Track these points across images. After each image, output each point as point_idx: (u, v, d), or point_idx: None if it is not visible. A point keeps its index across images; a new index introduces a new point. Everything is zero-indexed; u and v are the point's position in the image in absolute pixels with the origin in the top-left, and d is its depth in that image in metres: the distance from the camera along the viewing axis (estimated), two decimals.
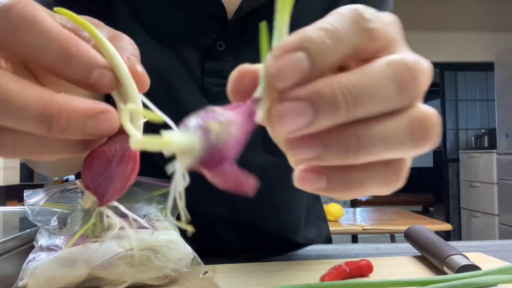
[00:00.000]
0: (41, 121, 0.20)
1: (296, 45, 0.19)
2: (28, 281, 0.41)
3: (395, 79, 0.20)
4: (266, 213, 0.67)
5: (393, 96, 0.20)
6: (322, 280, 0.44)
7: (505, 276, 0.40)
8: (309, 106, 0.19)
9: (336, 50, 0.20)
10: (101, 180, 0.23)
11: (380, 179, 0.21)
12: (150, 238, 0.43)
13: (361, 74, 0.20)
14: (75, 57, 0.22)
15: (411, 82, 0.20)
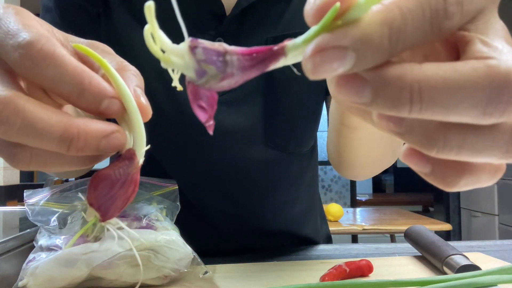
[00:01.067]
0: (62, 142, 0.23)
1: (348, 37, 0.16)
2: (28, 281, 0.41)
3: (489, 95, 0.16)
4: (270, 208, 0.67)
5: (477, 113, 0.17)
6: (322, 280, 0.44)
7: (505, 276, 0.40)
8: (368, 89, 0.17)
9: (396, 48, 0.17)
10: (105, 200, 0.26)
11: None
12: (150, 238, 0.43)
13: (443, 73, 0.16)
14: (88, 90, 0.24)
15: (508, 102, 0.17)
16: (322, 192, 4.50)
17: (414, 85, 0.16)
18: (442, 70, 0.16)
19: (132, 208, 0.48)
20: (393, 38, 0.16)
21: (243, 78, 0.19)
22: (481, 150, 0.18)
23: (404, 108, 0.17)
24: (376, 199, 6.18)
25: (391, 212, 2.79)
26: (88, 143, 0.24)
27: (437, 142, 0.18)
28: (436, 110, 0.17)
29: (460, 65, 0.17)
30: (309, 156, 0.70)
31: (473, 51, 0.18)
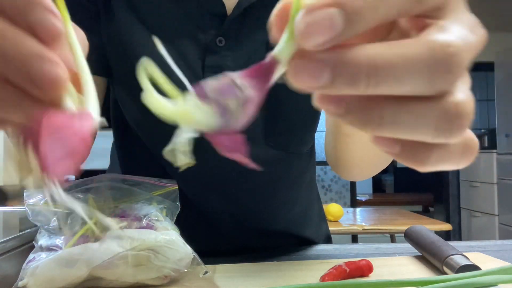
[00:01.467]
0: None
1: (329, 1, 0.17)
2: (28, 281, 0.41)
3: (430, 65, 0.18)
4: (270, 208, 0.67)
5: (422, 84, 0.18)
6: (322, 280, 0.44)
7: (505, 276, 0.40)
8: (327, 71, 0.18)
9: (379, 12, 0.18)
10: (50, 151, 0.20)
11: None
12: (150, 238, 0.43)
13: (393, 50, 0.18)
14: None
15: (448, 71, 0.18)
16: (322, 192, 4.50)
17: (370, 62, 0.18)
18: (394, 46, 0.18)
19: (132, 208, 0.48)
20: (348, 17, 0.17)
21: (259, 98, 0.19)
22: (414, 126, 0.19)
23: (362, 84, 0.18)
24: (376, 199, 6.18)
25: (391, 212, 2.79)
26: (20, 57, 0.19)
27: (373, 119, 0.19)
28: (390, 83, 0.18)
29: (408, 40, 0.18)
30: (308, 156, 0.70)
31: (426, 32, 0.19)
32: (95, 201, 0.47)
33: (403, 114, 0.19)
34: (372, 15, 0.18)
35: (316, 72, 0.18)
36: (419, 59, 0.18)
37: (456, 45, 0.19)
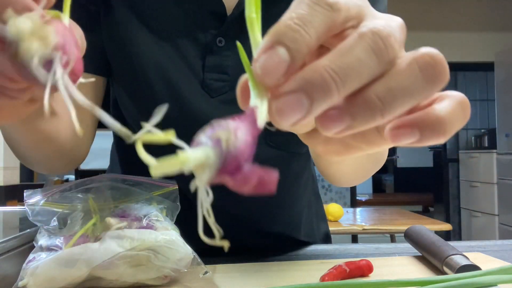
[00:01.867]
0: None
1: (271, 41, 0.20)
2: (28, 281, 0.41)
3: (371, 49, 0.21)
4: (269, 208, 0.67)
5: (374, 64, 0.21)
6: (322, 280, 0.44)
7: (505, 276, 0.40)
8: (303, 95, 0.20)
9: (309, 33, 0.21)
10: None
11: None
12: (150, 238, 0.43)
13: (341, 53, 0.21)
14: None
15: (385, 48, 0.21)
16: (322, 192, 4.50)
17: (332, 71, 0.20)
18: (337, 52, 0.21)
19: (132, 208, 0.48)
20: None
21: (251, 141, 0.20)
22: (406, 87, 0.21)
23: (334, 91, 0.20)
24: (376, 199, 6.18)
25: (391, 212, 2.79)
26: None
27: (375, 105, 0.21)
28: (355, 78, 0.21)
29: (348, 42, 0.21)
30: (308, 156, 0.70)
31: (354, 31, 0.22)
32: (95, 201, 0.47)
33: (394, 84, 0.21)
34: (307, 38, 0.20)
35: (296, 101, 0.20)
36: (360, 48, 0.21)
37: (376, 27, 0.21)
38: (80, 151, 0.60)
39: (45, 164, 0.57)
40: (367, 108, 0.21)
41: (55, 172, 0.63)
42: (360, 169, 0.56)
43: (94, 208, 0.47)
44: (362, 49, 0.21)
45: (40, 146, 0.50)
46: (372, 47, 0.21)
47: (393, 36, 0.22)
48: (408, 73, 0.21)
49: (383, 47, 0.21)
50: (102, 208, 0.47)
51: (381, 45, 0.21)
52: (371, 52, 0.21)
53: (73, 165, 0.61)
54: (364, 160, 0.53)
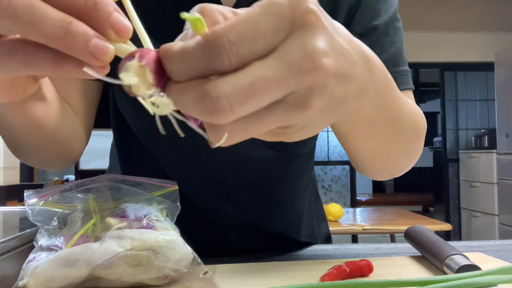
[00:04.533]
0: (60, 27, 0.24)
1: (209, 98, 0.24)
2: (28, 281, 0.41)
3: (202, 55, 0.24)
4: (269, 209, 0.67)
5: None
6: (322, 280, 0.44)
7: (505, 276, 0.40)
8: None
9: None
10: None
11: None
12: (150, 238, 0.43)
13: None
14: (71, 28, 0.24)
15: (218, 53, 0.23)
16: (322, 192, 4.50)
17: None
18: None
19: (133, 208, 0.48)
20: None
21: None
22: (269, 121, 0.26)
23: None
24: (376, 199, 6.18)
25: (391, 212, 2.79)
26: (80, 36, 0.24)
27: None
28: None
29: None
30: (308, 158, 0.70)
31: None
32: (95, 201, 0.47)
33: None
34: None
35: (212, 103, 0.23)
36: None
37: (219, 36, 0.23)
38: (74, 143, 0.58)
39: (37, 154, 0.56)
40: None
41: (51, 167, 0.61)
42: (381, 149, 0.49)
43: (94, 208, 0.47)
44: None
45: (30, 131, 0.49)
46: (204, 54, 0.23)
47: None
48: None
49: (214, 55, 0.23)
50: (102, 208, 0.47)
51: (213, 53, 0.23)
52: (202, 57, 0.23)
53: (69, 160, 0.60)
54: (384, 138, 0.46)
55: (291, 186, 0.68)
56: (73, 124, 0.57)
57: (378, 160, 0.52)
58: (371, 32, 0.59)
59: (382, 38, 0.59)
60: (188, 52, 0.23)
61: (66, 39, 0.24)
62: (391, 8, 0.61)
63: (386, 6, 0.60)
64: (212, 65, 0.23)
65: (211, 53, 0.23)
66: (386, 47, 0.59)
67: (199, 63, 0.23)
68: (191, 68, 0.24)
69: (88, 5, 0.25)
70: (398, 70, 0.59)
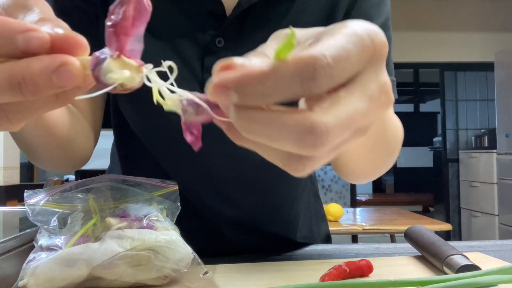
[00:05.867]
0: (14, 91, 0.23)
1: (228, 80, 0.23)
2: (28, 281, 0.41)
3: (298, 76, 0.21)
4: (268, 209, 0.67)
5: (298, 88, 0.21)
6: (322, 280, 0.44)
7: (505, 276, 0.40)
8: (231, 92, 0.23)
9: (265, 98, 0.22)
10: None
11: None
12: (150, 238, 0.43)
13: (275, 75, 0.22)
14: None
15: (312, 78, 0.21)
16: (322, 192, 4.50)
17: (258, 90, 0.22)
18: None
19: (133, 208, 0.48)
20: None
21: (210, 115, 0.25)
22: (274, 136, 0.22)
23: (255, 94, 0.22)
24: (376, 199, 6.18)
25: (391, 212, 2.79)
26: (38, 85, 0.23)
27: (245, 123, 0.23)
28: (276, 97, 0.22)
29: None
30: None
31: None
32: (95, 201, 0.48)
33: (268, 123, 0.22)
34: (260, 102, 0.22)
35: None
36: (288, 71, 0.21)
37: (318, 58, 0.21)
38: (84, 145, 0.59)
39: (52, 159, 0.57)
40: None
41: (64, 169, 0.62)
42: (371, 159, 0.54)
43: (94, 208, 0.47)
44: (288, 74, 0.21)
45: (44, 139, 0.50)
46: (301, 73, 0.21)
47: (328, 73, 0.21)
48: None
49: (311, 76, 0.21)
50: (102, 208, 0.47)
51: (306, 77, 0.21)
52: (297, 78, 0.21)
53: (80, 162, 0.60)
54: (374, 148, 0.51)
55: (289, 187, 0.68)
56: (82, 126, 0.57)
57: (364, 171, 0.56)
58: None
59: None
60: (283, 71, 0.21)
61: (28, 90, 0.23)
62: (382, 17, 0.62)
63: (378, 13, 0.61)
64: (308, 88, 0.21)
65: (309, 74, 0.21)
66: None
67: (294, 84, 0.21)
68: (285, 90, 0.21)
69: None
70: None
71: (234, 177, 0.63)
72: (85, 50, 0.25)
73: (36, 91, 0.23)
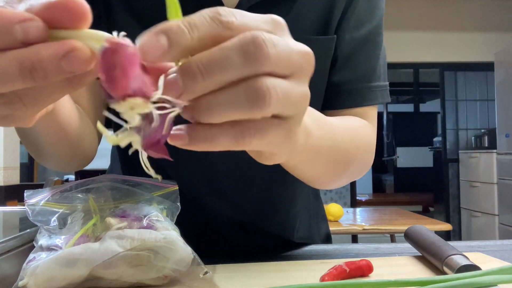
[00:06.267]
0: (25, 77, 0.24)
1: (158, 30, 0.25)
2: (28, 281, 0.41)
3: (241, 49, 0.25)
4: (266, 210, 0.67)
5: (239, 64, 0.25)
6: (322, 280, 0.44)
7: (505, 276, 0.40)
8: (180, 77, 0.25)
9: (191, 34, 0.25)
10: (110, 70, 0.25)
11: (228, 135, 0.27)
12: (150, 238, 0.43)
13: (214, 49, 0.25)
14: None
15: (254, 51, 0.25)
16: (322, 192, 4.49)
17: (200, 64, 0.25)
18: (212, 49, 0.25)
19: (133, 208, 0.48)
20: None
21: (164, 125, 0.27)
22: (231, 102, 0.26)
23: (199, 78, 0.25)
24: (376, 199, 6.18)
25: (391, 212, 2.79)
26: (48, 70, 0.24)
27: (202, 107, 0.26)
28: (218, 72, 0.25)
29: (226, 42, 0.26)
30: None
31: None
32: (95, 201, 0.48)
33: (223, 97, 0.26)
34: (187, 37, 0.25)
35: (174, 80, 0.25)
36: (232, 47, 0.25)
37: (256, 33, 0.25)
38: (89, 143, 0.59)
39: (60, 158, 0.57)
40: (198, 107, 0.26)
41: (70, 169, 0.62)
42: (324, 167, 0.53)
43: (94, 208, 0.47)
44: (233, 49, 0.25)
45: (56, 136, 0.50)
46: (243, 48, 0.25)
47: (269, 45, 0.25)
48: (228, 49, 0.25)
49: (253, 50, 0.25)
50: (102, 208, 0.47)
51: (251, 48, 0.25)
52: (241, 53, 0.25)
53: (86, 160, 0.60)
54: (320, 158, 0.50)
55: (289, 186, 0.68)
56: (88, 126, 0.57)
57: (323, 181, 0.56)
58: (350, 44, 0.61)
59: (357, 52, 0.61)
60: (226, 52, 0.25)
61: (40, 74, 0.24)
62: (374, 21, 0.62)
63: (371, 16, 0.62)
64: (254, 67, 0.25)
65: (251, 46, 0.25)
66: (361, 61, 0.62)
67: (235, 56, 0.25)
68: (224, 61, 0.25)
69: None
70: (368, 85, 0.62)
71: (233, 177, 0.63)
72: (86, 20, 0.25)
73: (46, 76, 0.24)
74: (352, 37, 0.61)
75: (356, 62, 0.61)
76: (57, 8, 0.24)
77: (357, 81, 0.62)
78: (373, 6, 0.62)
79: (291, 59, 0.27)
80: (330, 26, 0.60)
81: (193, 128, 0.27)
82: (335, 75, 0.62)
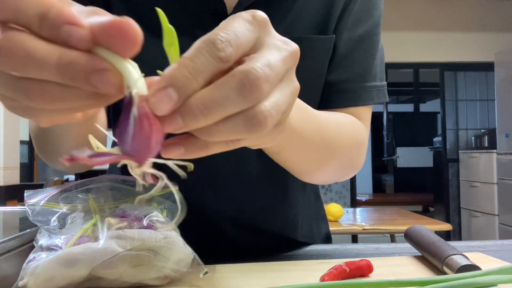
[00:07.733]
0: (58, 70, 0.25)
1: (166, 85, 0.26)
2: (28, 281, 0.41)
3: (238, 89, 0.26)
4: (268, 209, 0.67)
5: (238, 101, 0.27)
6: (322, 280, 0.44)
7: (505, 276, 0.40)
8: (179, 117, 0.26)
9: (197, 79, 0.26)
10: (133, 146, 0.27)
11: (221, 143, 0.30)
12: (150, 238, 0.43)
13: (213, 90, 0.27)
14: (48, 14, 0.25)
15: (250, 89, 0.26)
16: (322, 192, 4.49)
17: (202, 103, 0.27)
18: (213, 87, 0.27)
19: (133, 208, 0.48)
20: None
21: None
22: (231, 131, 0.28)
23: (200, 118, 0.27)
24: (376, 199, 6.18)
25: (391, 212, 2.80)
26: (77, 75, 0.25)
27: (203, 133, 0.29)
28: (218, 111, 0.27)
29: (222, 79, 0.27)
30: None
31: (236, 68, 0.27)
32: (95, 201, 0.48)
33: (224, 126, 0.28)
34: (194, 83, 0.26)
35: (174, 120, 0.27)
36: (228, 86, 0.26)
37: (249, 69, 0.27)
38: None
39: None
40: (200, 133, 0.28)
41: (77, 170, 0.63)
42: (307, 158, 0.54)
43: (94, 208, 0.47)
44: (230, 87, 0.26)
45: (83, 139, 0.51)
46: (239, 86, 0.26)
47: (262, 81, 0.27)
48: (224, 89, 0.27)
49: (248, 88, 0.26)
50: (102, 208, 0.47)
51: (247, 86, 0.26)
52: (237, 91, 0.26)
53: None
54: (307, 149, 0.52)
55: (290, 184, 0.68)
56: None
57: (309, 170, 0.56)
58: (346, 43, 0.61)
59: (354, 51, 0.61)
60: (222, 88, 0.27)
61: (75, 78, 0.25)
62: (371, 21, 0.62)
63: (368, 16, 0.62)
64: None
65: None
66: (357, 60, 0.62)
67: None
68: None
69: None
70: (363, 85, 0.62)
71: (234, 176, 0.63)
72: (134, 47, 0.26)
73: (73, 79, 0.25)
74: (349, 36, 0.61)
75: (352, 61, 0.61)
76: (111, 26, 0.26)
77: (353, 81, 0.62)
78: (371, 6, 0.62)
79: (281, 71, 0.28)
80: (330, 25, 0.60)
81: (188, 139, 0.29)
82: (331, 73, 0.62)
